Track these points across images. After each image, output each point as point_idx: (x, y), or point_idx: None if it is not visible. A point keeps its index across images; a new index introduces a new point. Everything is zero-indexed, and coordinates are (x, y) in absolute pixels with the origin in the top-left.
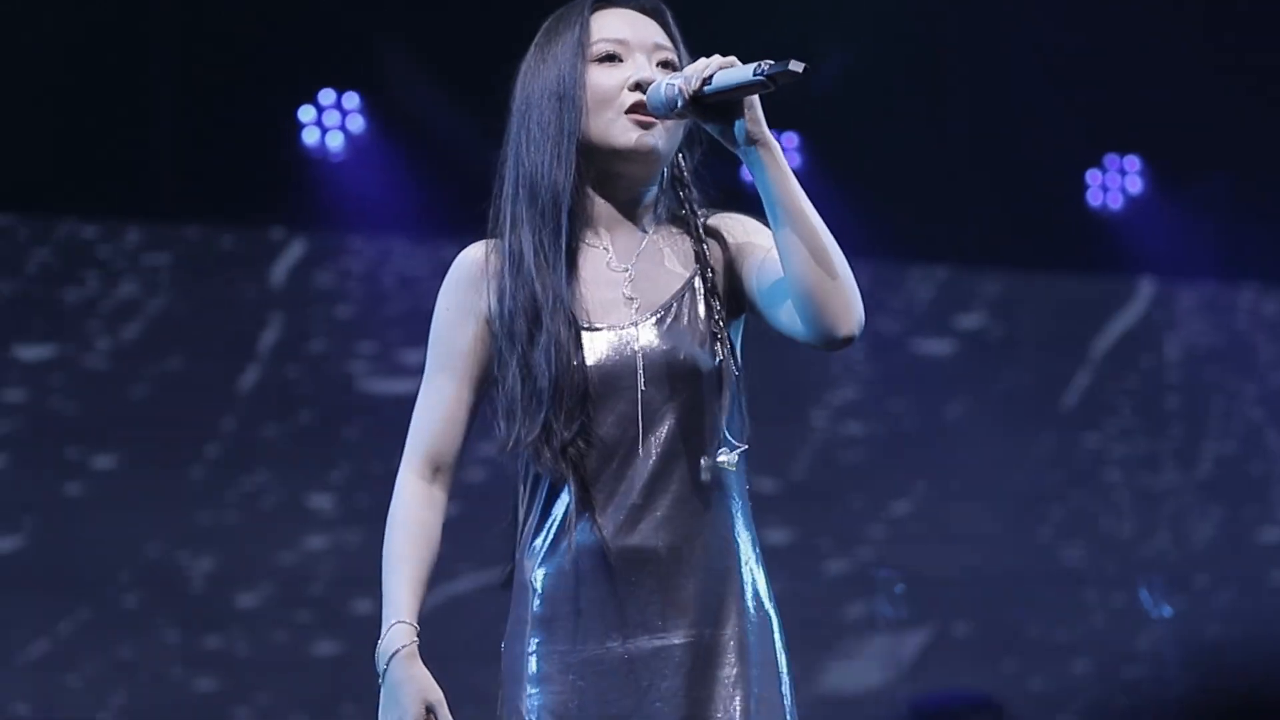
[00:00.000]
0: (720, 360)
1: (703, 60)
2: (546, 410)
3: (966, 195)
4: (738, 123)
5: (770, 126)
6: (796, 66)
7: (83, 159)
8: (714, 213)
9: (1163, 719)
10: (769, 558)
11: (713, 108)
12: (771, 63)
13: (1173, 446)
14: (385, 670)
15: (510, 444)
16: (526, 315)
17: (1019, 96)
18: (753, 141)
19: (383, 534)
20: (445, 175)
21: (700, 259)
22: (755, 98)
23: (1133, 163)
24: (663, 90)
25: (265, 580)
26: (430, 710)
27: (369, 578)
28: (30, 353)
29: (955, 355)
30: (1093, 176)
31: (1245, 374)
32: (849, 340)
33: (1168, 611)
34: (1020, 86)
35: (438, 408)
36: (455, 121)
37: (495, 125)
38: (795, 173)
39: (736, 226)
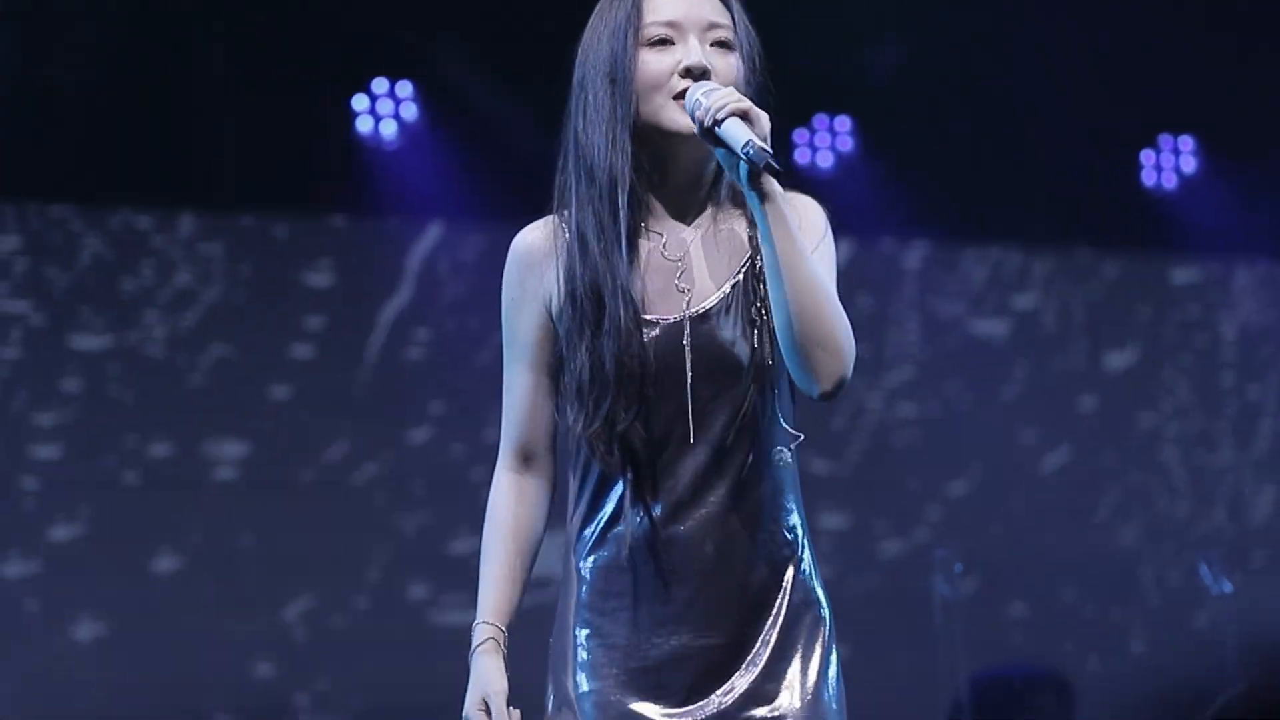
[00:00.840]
0: (769, 353)
1: (725, 95)
2: (611, 399)
3: (1021, 176)
4: (741, 166)
5: (825, 110)
6: (771, 167)
7: (137, 148)
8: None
9: (1221, 697)
10: (824, 541)
11: (721, 142)
12: (762, 146)
13: (1229, 424)
14: (470, 660)
15: (574, 431)
16: (591, 298)
17: (1073, 77)
18: (754, 187)
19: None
20: (498, 163)
21: (753, 245)
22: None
23: (1186, 142)
24: (692, 102)
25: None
26: (485, 701)
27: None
28: (87, 342)
29: (1010, 336)
30: (1147, 156)
31: None
32: (826, 397)
33: (1228, 588)
34: (1075, 67)
35: (518, 399)
36: (507, 109)
37: (547, 113)
38: (849, 157)
39: (795, 213)
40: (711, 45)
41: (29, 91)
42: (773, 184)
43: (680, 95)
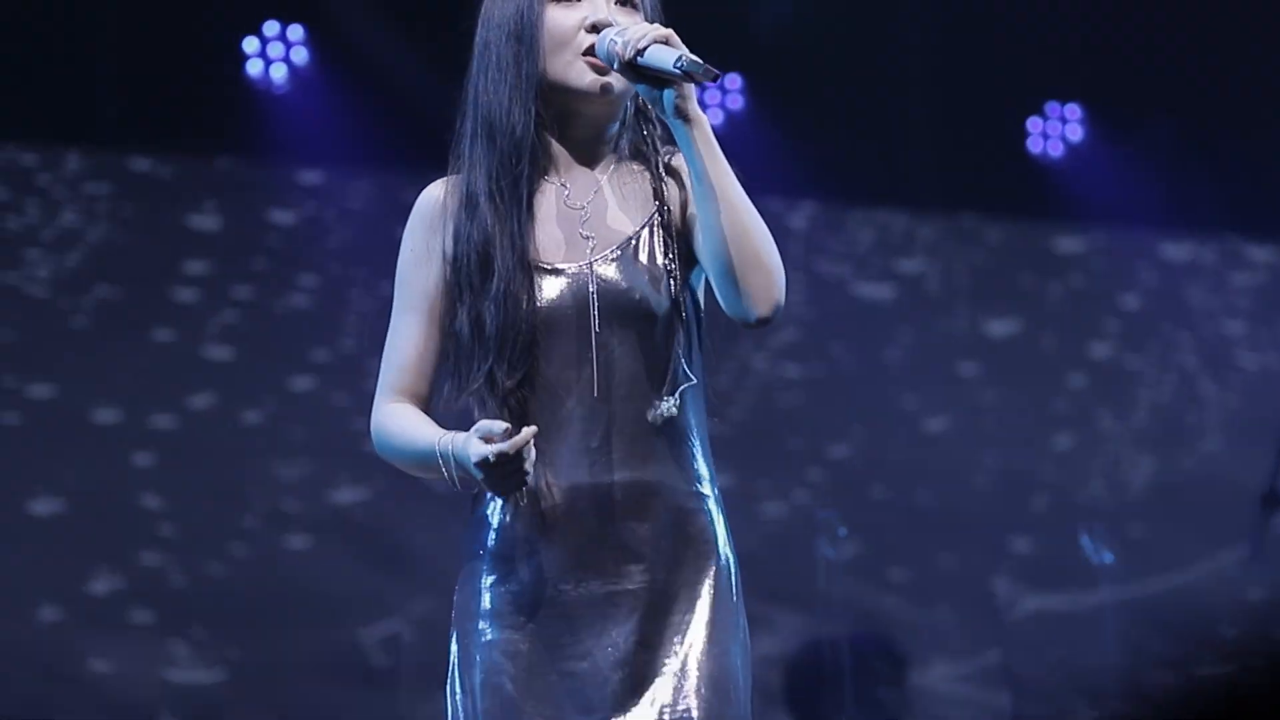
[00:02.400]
0: (674, 301)
1: (643, 27)
2: (491, 360)
3: (909, 140)
4: (667, 93)
5: (715, 67)
6: (710, 73)
7: (24, 84)
8: (677, 151)
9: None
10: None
11: (645, 75)
12: (695, 60)
13: (1108, 394)
14: (456, 462)
15: (456, 394)
16: (479, 257)
17: (962, 42)
18: (680, 115)
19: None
20: (387, 110)
21: (659, 197)
22: None
23: (1074, 110)
24: (605, 44)
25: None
26: (488, 439)
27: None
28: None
29: (894, 299)
30: (1034, 124)
31: (1180, 323)
32: (763, 322)
33: (1109, 558)
34: (964, 32)
35: (404, 347)
36: (399, 55)
37: (439, 61)
38: (738, 115)
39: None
40: (616, 4)
41: None
42: (698, 109)
43: (587, 52)
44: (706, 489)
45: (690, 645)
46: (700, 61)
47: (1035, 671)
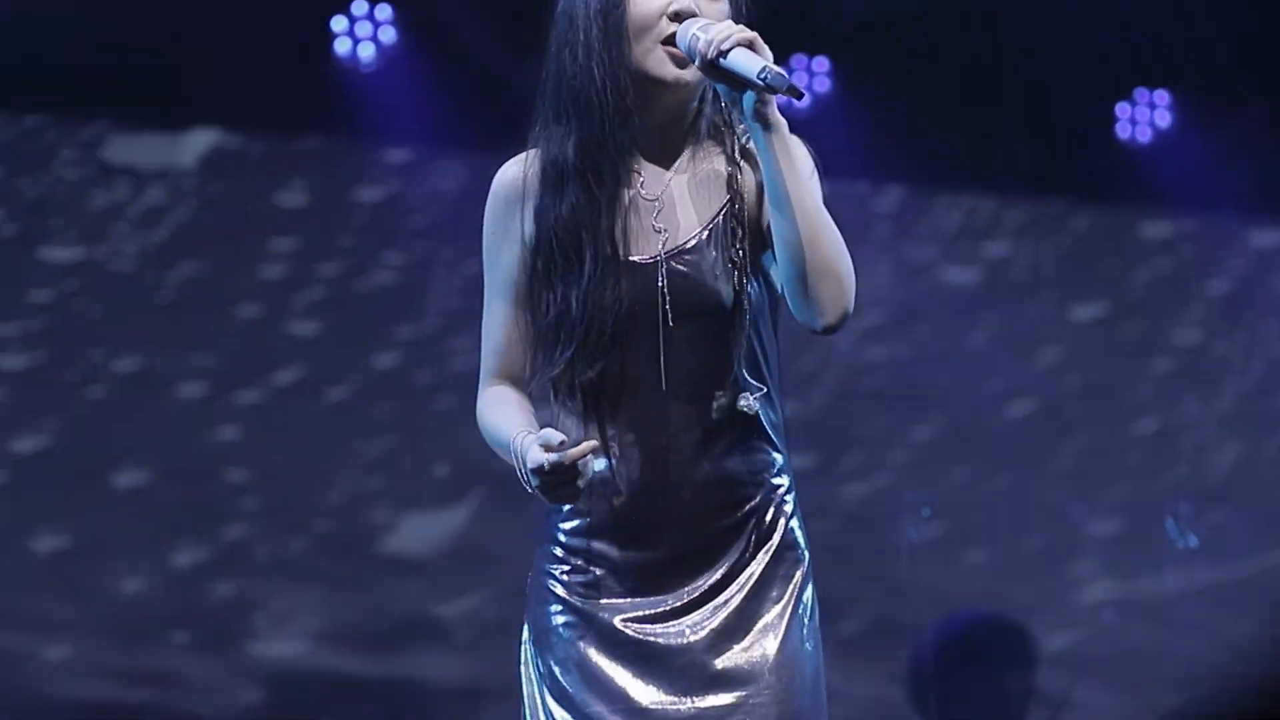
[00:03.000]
0: (747, 292)
1: (727, 26)
2: (574, 349)
3: (996, 125)
4: (748, 95)
5: (803, 51)
6: (795, 90)
7: (112, 63)
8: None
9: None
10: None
11: (725, 76)
12: (779, 72)
13: (1194, 380)
14: (519, 459)
15: (533, 378)
16: (562, 241)
17: (1052, 27)
18: (760, 120)
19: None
20: (475, 89)
21: (732, 186)
22: None
23: (1162, 97)
24: (688, 38)
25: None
26: (547, 447)
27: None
28: (58, 254)
29: (980, 283)
30: (1122, 110)
31: (1267, 309)
32: (830, 329)
33: (1194, 542)
34: (1054, 17)
35: (497, 332)
36: (487, 34)
37: (527, 41)
38: (826, 98)
39: None
40: None
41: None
42: (778, 115)
43: (668, 40)
44: (780, 479)
45: (762, 635)
46: (785, 75)
47: (1117, 657)
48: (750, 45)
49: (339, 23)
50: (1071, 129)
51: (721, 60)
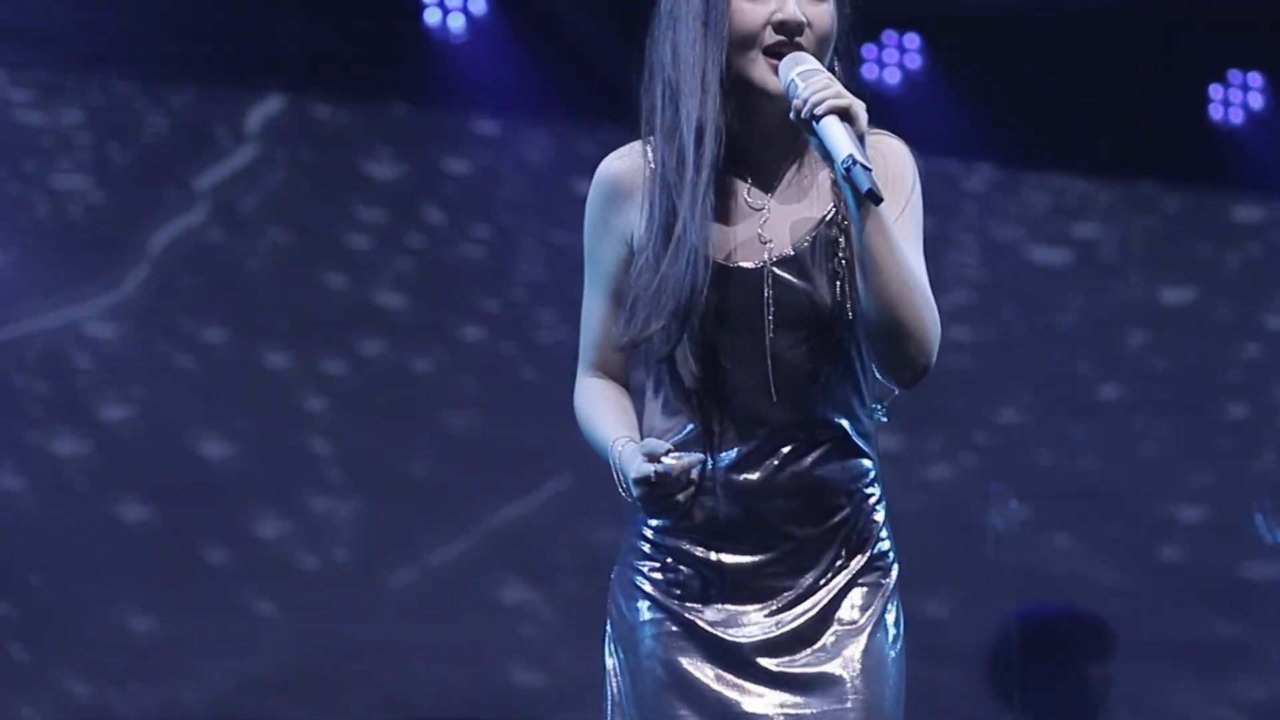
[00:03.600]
0: (849, 303)
1: (825, 86)
2: (666, 318)
3: (1088, 105)
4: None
5: (893, 27)
6: (874, 195)
7: (203, 28)
8: (869, 131)
9: None
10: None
11: (816, 135)
12: (863, 166)
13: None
14: (618, 468)
15: (620, 339)
16: (666, 227)
17: (1144, 7)
18: (849, 180)
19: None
20: (565, 60)
21: (838, 195)
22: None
23: (1255, 79)
24: (787, 81)
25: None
26: (652, 458)
27: None
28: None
29: (1069, 265)
30: (1215, 91)
31: None
32: (906, 386)
33: None
34: None
35: (594, 324)
36: (577, 6)
37: (616, 12)
38: (916, 74)
39: (882, 160)
40: None
41: None
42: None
43: (770, 50)
44: (872, 489)
45: (849, 643)
46: (868, 171)
47: (1204, 647)
48: (845, 114)
49: None
50: (1163, 110)
51: (814, 122)
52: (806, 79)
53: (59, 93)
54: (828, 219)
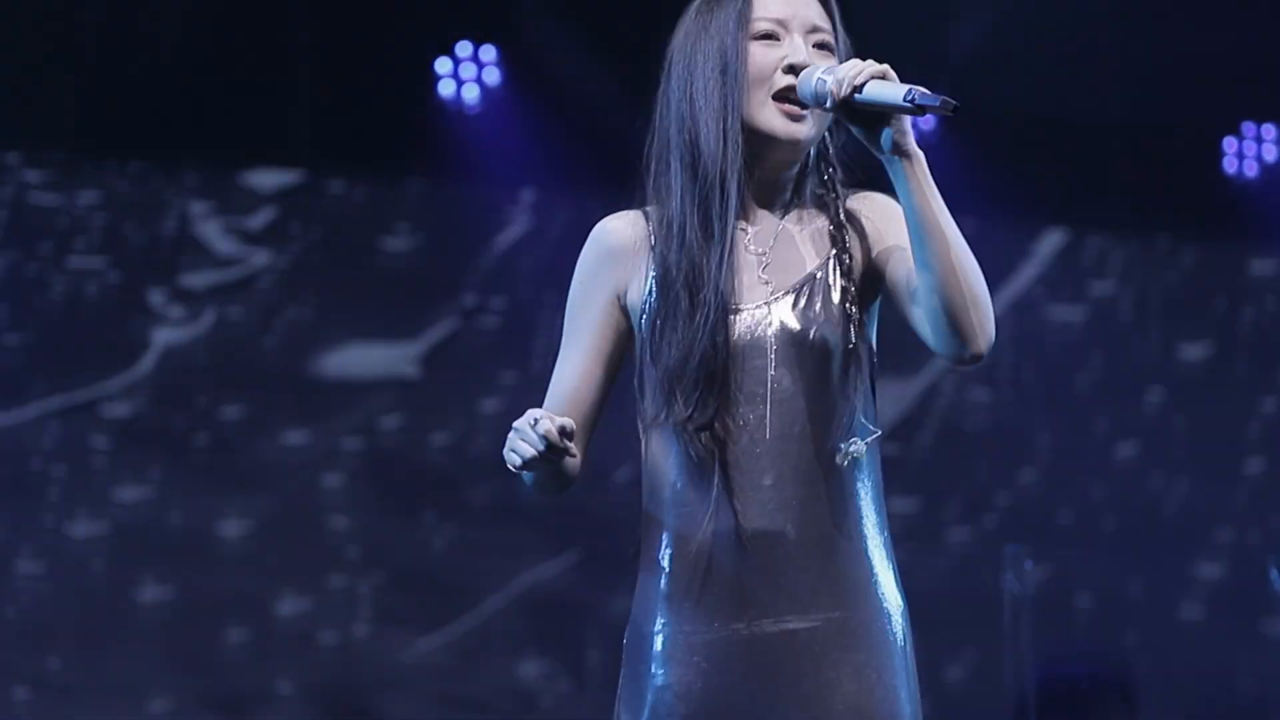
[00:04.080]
0: (852, 344)
1: (857, 64)
2: (701, 389)
3: (1101, 159)
4: (885, 131)
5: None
6: (948, 104)
7: (216, 106)
8: (855, 192)
9: None
10: (893, 525)
11: (860, 113)
12: (924, 91)
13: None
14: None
15: (657, 419)
16: (688, 289)
17: (1157, 61)
18: (900, 152)
19: None
20: (581, 131)
21: (836, 242)
22: None
23: (1269, 130)
24: (813, 83)
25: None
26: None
27: None
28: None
29: (1086, 322)
30: (1229, 144)
31: None
32: (977, 359)
33: None
34: (1159, 51)
35: (565, 381)
36: (592, 76)
37: (633, 81)
38: (929, 135)
39: (877, 209)
40: (813, 46)
41: (113, 49)
42: (915, 146)
43: (779, 95)
44: (878, 534)
45: (860, 690)
46: (931, 92)
47: (1225, 704)
48: (883, 77)
49: (443, 64)
50: (1178, 164)
51: (857, 96)
52: (832, 70)
53: (75, 173)
54: (827, 262)
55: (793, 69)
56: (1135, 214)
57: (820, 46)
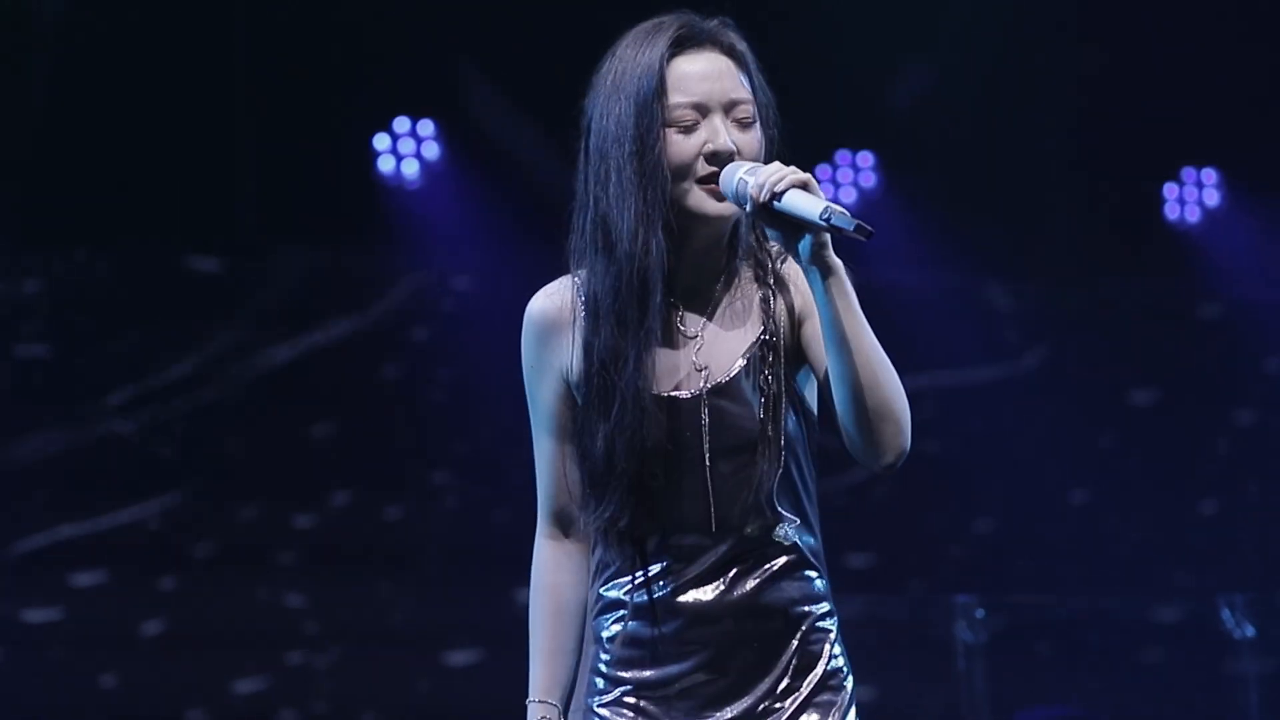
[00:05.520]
0: (785, 421)
1: (779, 169)
2: (619, 495)
3: (1044, 209)
4: (805, 239)
5: (846, 146)
6: (864, 229)
7: (151, 187)
8: (787, 256)
9: None
10: (848, 580)
11: (778, 219)
12: (842, 211)
13: (1254, 462)
14: None
15: (584, 521)
16: (603, 381)
17: (1096, 109)
18: (818, 262)
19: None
20: (522, 202)
21: (767, 313)
22: None
23: (1210, 175)
24: (735, 182)
25: None
26: None
27: None
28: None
29: (1035, 370)
30: (1170, 190)
31: None
32: (889, 469)
33: (1250, 631)
34: (1098, 99)
35: (548, 467)
36: (532, 148)
37: (576, 153)
38: (871, 192)
39: (804, 285)
40: (734, 123)
41: (51, 138)
42: (835, 258)
43: (704, 179)
44: (821, 605)
45: None
46: (848, 214)
47: None
48: (804, 187)
49: (381, 140)
50: (1120, 211)
51: (775, 204)
52: (754, 172)
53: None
54: (761, 339)
55: (714, 156)
56: (1079, 262)
57: (740, 123)
